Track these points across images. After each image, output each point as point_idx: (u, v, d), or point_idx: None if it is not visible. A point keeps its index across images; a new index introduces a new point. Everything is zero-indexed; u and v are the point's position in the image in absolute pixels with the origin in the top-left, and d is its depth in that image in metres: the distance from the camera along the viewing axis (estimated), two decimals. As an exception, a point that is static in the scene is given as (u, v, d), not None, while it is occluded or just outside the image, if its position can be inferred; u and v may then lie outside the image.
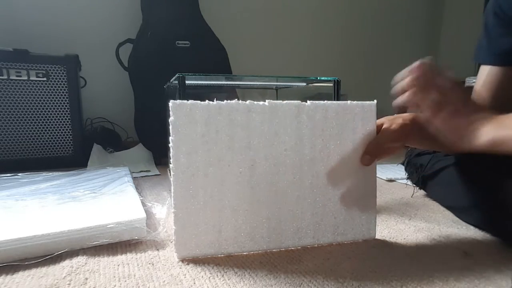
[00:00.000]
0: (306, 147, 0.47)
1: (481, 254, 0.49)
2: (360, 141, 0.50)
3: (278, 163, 0.46)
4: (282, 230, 0.47)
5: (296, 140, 0.47)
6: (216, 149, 0.43)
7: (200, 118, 0.43)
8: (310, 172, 0.48)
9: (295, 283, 0.40)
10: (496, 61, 0.62)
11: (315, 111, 0.47)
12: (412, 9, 2.06)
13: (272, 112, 0.45)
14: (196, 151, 0.43)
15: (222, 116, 0.43)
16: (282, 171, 0.46)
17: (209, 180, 0.43)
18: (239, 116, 0.44)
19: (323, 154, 0.48)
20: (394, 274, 0.43)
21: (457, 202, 0.63)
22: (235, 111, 0.44)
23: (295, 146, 0.47)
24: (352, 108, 0.49)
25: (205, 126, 0.43)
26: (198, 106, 0.42)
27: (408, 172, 0.80)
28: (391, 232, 0.58)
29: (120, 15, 1.38)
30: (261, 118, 0.45)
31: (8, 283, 0.40)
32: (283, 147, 0.46)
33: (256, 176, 0.45)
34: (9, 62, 0.98)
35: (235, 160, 0.44)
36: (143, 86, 1.18)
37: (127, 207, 0.57)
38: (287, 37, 1.73)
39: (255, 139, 0.45)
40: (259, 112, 0.45)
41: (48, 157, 1.05)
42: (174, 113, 0.42)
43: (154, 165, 1.13)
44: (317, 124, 0.47)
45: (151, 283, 0.40)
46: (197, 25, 1.26)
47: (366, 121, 0.49)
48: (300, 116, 0.46)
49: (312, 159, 0.47)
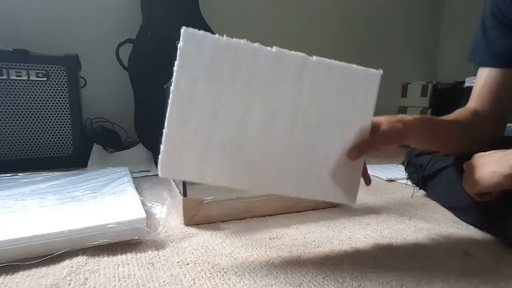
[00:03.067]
0: (304, 99, 0.47)
1: (481, 254, 0.49)
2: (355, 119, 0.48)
3: (273, 109, 0.46)
4: (265, 173, 0.47)
5: (295, 91, 0.46)
6: (217, 82, 0.44)
7: (207, 49, 0.43)
8: (303, 125, 0.47)
9: (295, 283, 0.40)
10: (496, 63, 0.61)
11: (320, 67, 0.47)
12: (412, 9, 2.06)
13: (277, 59, 0.45)
14: (197, 80, 0.43)
15: (229, 52, 0.44)
16: (276, 118, 0.46)
17: (204, 109, 0.44)
18: (245, 56, 0.44)
19: (319, 111, 0.47)
20: (394, 274, 0.43)
21: (457, 202, 0.63)
22: (242, 51, 0.44)
23: (293, 96, 0.46)
24: (357, 72, 0.48)
25: (211, 58, 0.43)
26: (208, 38, 0.43)
27: (408, 172, 0.80)
28: (391, 232, 0.58)
29: (120, 15, 1.37)
30: (265, 62, 0.45)
31: (8, 283, 0.40)
32: (281, 95, 0.46)
33: (250, 116, 0.45)
34: (9, 62, 0.98)
35: (233, 97, 0.44)
36: (143, 86, 1.18)
37: (127, 207, 0.57)
38: (287, 37, 1.73)
39: (256, 82, 0.45)
40: (265, 57, 0.45)
41: (48, 157, 1.05)
42: (184, 40, 0.42)
43: (154, 165, 1.13)
44: (319, 80, 0.47)
45: (151, 283, 0.40)
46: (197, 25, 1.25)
47: (368, 88, 0.48)
48: (304, 68, 0.46)
49: (307, 113, 0.47)
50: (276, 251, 0.49)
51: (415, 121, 0.51)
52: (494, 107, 0.62)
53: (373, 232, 0.57)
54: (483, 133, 0.61)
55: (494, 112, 0.62)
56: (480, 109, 0.62)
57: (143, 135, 1.20)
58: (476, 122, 0.60)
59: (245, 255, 0.48)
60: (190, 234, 0.55)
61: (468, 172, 0.51)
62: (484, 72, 0.63)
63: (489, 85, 0.62)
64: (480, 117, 0.61)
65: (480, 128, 0.60)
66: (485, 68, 0.63)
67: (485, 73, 0.63)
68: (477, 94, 0.64)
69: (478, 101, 0.63)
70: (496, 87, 0.61)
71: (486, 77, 0.63)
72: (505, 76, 0.61)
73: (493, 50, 0.61)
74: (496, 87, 0.61)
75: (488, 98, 0.62)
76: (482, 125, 0.61)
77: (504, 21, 0.60)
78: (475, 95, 0.64)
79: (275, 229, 0.58)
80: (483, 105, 0.62)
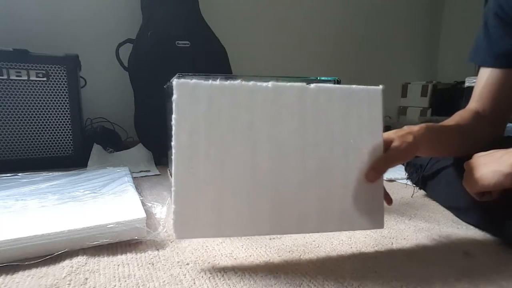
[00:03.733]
0: (310, 130, 0.46)
1: (481, 254, 0.49)
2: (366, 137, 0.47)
3: (280, 145, 0.45)
4: (284, 215, 0.45)
5: (299, 123, 0.45)
6: (218, 129, 0.43)
7: (202, 97, 0.42)
8: (314, 155, 0.46)
9: (295, 283, 0.40)
10: (497, 63, 0.61)
11: (319, 93, 0.46)
12: (411, 9, 2.06)
13: (275, 94, 0.44)
14: (198, 130, 0.42)
15: (225, 96, 0.43)
16: (284, 154, 0.45)
17: (210, 160, 0.43)
18: (242, 97, 0.43)
19: (327, 138, 0.46)
20: (394, 274, 0.43)
21: (457, 202, 0.63)
22: (238, 91, 0.43)
23: (298, 129, 0.45)
24: (357, 92, 0.47)
25: (208, 105, 0.42)
26: (201, 85, 0.42)
27: (408, 172, 0.80)
28: (391, 232, 0.58)
29: (120, 15, 1.37)
30: (264, 99, 0.44)
31: (8, 283, 0.40)
32: (286, 128, 0.45)
33: (258, 158, 0.44)
34: (9, 62, 0.98)
35: (237, 140, 0.43)
36: (143, 86, 1.18)
37: (127, 207, 0.57)
38: (287, 37, 1.73)
39: (258, 120, 0.44)
40: (262, 93, 0.44)
41: (48, 157, 1.05)
42: (177, 91, 0.42)
43: (154, 165, 1.13)
44: (321, 107, 0.46)
45: (151, 283, 0.40)
46: (197, 25, 1.26)
47: (371, 106, 0.47)
48: (303, 98, 0.45)
49: (316, 143, 0.46)
50: (276, 251, 0.49)
51: (422, 130, 0.51)
52: (495, 107, 0.62)
53: (373, 232, 0.57)
54: (484, 134, 0.61)
55: (494, 112, 0.62)
56: (480, 109, 0.63)
57: (143, 135, 1.20)
58: (477, 123, 0.61)
59: (245, 255, 0.48)
60: (190, 234, 0.55)
61: (468, 172, 0.51)
62: (486, 72, 0.63)
63: (490, 85, 0.62)
64: (481, 117, 0.62)
65: (480, 129, 0.61)
66: (487, 69, 0.63)
67: (487, 73, 0.63)
68: (478, 95, 0.64)
69: (479, 101, 0.63)
70: (497, 87, 0.61)
71: (487, 77, 0.62)
72: (507, 77, 0.61)
73: (495, 50, 0.61)
74: (497, 87, 0.61)
75: (489, 99, 0.62)
76: (482, 125, 0.61)
77: (507, 20, 0.59)
78: (476, 96, 0.64)
79: (275, 229, 0.58)
80: (483, 105, 0.63)
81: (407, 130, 0.51)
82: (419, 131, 0.51)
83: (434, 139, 0.53)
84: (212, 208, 0.43)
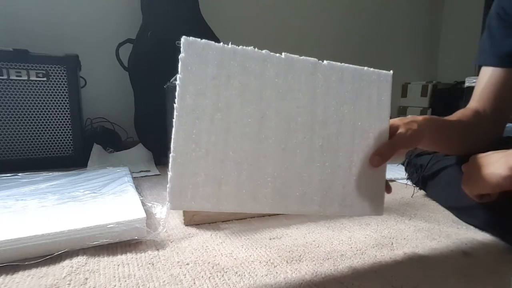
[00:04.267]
0: (319, 107, 0.44)
1: (481, 254, 0.49)
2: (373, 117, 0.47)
3: (289, 119, 0.43)
4: (287, 192, 0.44)
5: (309, 98, 0.44)
6: (226, 95, 0.40)
7: (212, 59, 0.40)
8: (322, 134, 0.45)
9: (295, 283, 0.40)
10: (499, 63, 0.61)
11: (331, 71, 0.45)
12: (412, 9, 2.06)
13: (287, 65, 0.43)
14: (204, 93, 0.40)
15: (235, 62, 0.41)
16: (292, 129, 0.43)
17: (214, 126, 0.40)
18: (254, 64, 0.41)
19: (336, 117, 0.45)
20: (394, 274, 0.43)
21: (457, 202, 0.63)
22: (250, 58, 0.41)
23: (308, 104, 0.44)
24: (369, 74, 0.47)
25: (217, 68, 0.40)
26: (212, 47, 0.40)
27: (408, 172, 0.80)
28: (391, 232, 0.58)
29: (120, 15, 1.37)
30: (276, 69, 0.42)
31: (8, 283, 0.40)
32: (295, 103, 0.43)
33: (265, 130, 0.42)
34: (9, 62, 0.98)
35: (245, 109, 0.41)
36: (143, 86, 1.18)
37: (127, 207, 0.57)
38: (288, 37, 1.73)
39: (268, 91, 0.42)
40: (275, 63, 0.42)
41: (48, 157, 1.05)
42: (185, 51, 0.39)
43: (154, 165, 1.13)
44: (332, 85, 0.45)
45: (151, 283, 0.40)
46: (197, 25, 1.26)
47: (381, 90, 0.47)
48: (315, 74, 0.44)
49: (325, 121, 0.45)
50: (276, 251, 0.49)
51: (426, 121, 0.51)
52: (495, 107, 0.62)
53: (373, 232, 0.57)
54: (484, 133, 0.61)
55: (495, 112, 0.62)
56: (481, 109, 0.63)
57: (143, 135, 1.20)
58: (477, 122, 0.61)
59: (245, 255, 0.48)
60: (190, 234, 0.55)
61: (467, 175, 0.51)
62: (487, 72, 0.63)
63: (491, 85, 0.62)
64: (481, 117, 0.62)
65: (481, 128, 0.61)
66: (488, 68, 0.63)
67: (488, 72, 0.63)
68: (479, 94, 0.64)
69: (480, 101, 0.63)
70: (498, 87, 0.62)
71: (489, 76, 0.63)
72: (508, 76, 0.61)
73: (498, 50, 0.62)
74: (498, 87, 0.62)
75: (489, 98, 0.62)
76: (483, 125, 0.61)
77: (509, 21, 0.60)
78: (477, 95, 0.64)
79: (275, 229, 0.58)
80: (484, 105, 0.63)
81: (411, 118, 0.51)
82: (423, 121, 0.51)
83: (436, 130, 0.53)
84: (212, 179, 0.40)
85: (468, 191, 0.50)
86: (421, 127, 0.49)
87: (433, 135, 0.53)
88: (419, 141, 0.50)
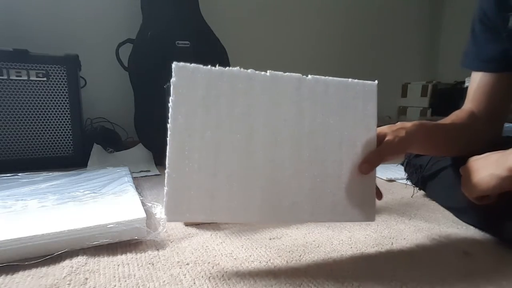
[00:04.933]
0: (306, 120, 0.46)
1: (481, 254, 0.49)
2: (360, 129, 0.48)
3: (276, 133, 0.45)
4: (277, 202, 0.46)
5: (296, 112, 0.46)
6: (215, 113, 0.43)
7: (201, 81, 0.43)
8: (309, 145, 0.47)
9: (295, 283, 0.40)
10: (484, 68, 0.62)
11: (316, 85, 0.47)
12: (412, 9, 2.06)
13: (273, 82, 0.45)
14: (194, 113, 0.42)
15: (223, 82, 0.43)
16: (280, 142, 0.45)
17: (205, 143, 0.43)
18: (240, 83, 0.44)
19: (323, 129, 0.47)
20: (394, 274, 0.43)
21: (457, 202, 0.63)
22: (237, 78, 0.44)
23: (294, 118, 0.46)
24: (353, 86, 0.48)
25: (206, 89, 0.43)
26: (200, 70, 0.43)
27: (408, 172, 0.80)
28: (391, 232, 0.58)
29: (120, 15, 1.38)
30: (262, 86, 0.45)
31: (8, 283, 0.40)
32: (282, 117, 0.45)
33: (254, 144, 0.44)
34: (9, 62, 0.98)
35: (233, 125, 0.44)
36: (143, 86, 1.18)
37: (127, 207, 0.57)
38: (288, 38, 1.73)
39: (255, 107, 0.44)
40: (260, 81, 0.45)
41: (48, 157, 1.05)
42: (176, 75, 0.42)
43: (154, 165, 1.13)
44: (318, 98, 0.47)
45: (151, 283, 0.40)
46: (197, 25, 1.26)
47: (366, 100, 0.48)
48: (300, 88, 0.46)
49: (312, 133, 0.47)
50: (276, 251, 0.49)
51: (415, 127, 0.51)
52: (489, 108, 0.62)
53: (373, 232, 0.57)
54: (479, 134, 0.61)
55: (489, 113, 0.62)
56: (476, 110, 0.63)
57: (143, 135, 1.20)
58: (473, 123, 0.61)
59: (245, 255, 0.48)
60: (190, 234, 0.55)
61: (465, 177, 0.51)
62: (477, 75, 0.64)
63: (482, 87, 0.62)
64: (476, 117, 0.62)
65: (477, 129, 0.61)
66: (478, 72, 0.63)
67: (478, 76, 0.63)
68: (472, 96, 0.64)
69: (473, 102, 0.64)
70: (489, 89, 0.62)
71: (479, 80, 0.63)
72: (497, 80, 0.61)
73: (483, 55, 0.62)
74: (489, 89, 0.62)
75: (482, 100, 0.62)
76: (479, 125, 0.61)
77: (490, 26, 0.60)
78: (470, 97, 0.65)
79: (275, 229, 0.58)
80: (478, 106, 0.63)
81: (400, 125, 0.51)
82: (412, 127, 0.51)
83: (426, 135, 0.53)
84: (205, 192, 0.43)
85: (468, 194, 0.50)
86: (410, 134, 0.50)
87: (424, 140, 0.53)
88: (407, 148, 0.51)
